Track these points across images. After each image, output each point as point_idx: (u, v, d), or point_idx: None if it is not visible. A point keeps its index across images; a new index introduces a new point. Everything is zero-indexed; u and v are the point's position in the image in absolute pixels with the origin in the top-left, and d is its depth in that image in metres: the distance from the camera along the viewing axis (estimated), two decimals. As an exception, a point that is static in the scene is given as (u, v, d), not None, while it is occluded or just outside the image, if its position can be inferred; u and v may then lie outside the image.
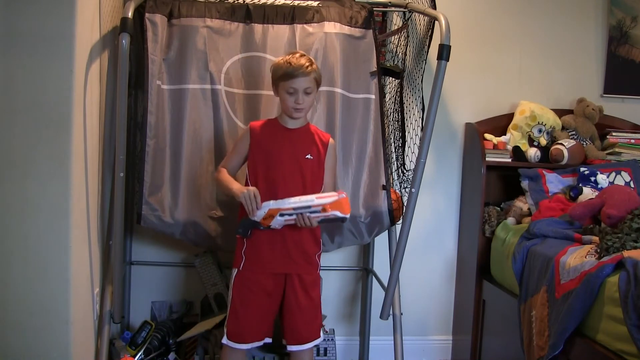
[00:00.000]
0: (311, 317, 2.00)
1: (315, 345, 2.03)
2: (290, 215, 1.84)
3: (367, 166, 2.26)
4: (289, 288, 1.95)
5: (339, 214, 1.84)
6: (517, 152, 2.74)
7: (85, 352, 2.08)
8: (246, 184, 1.97)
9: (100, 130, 2.21)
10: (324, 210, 1.83)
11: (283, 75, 1.89)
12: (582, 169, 2.59)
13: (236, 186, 1.92)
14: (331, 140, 2.03)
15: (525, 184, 2.65)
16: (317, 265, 2.01)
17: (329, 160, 2.01)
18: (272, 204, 1.85)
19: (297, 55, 1.93)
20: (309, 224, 1.86)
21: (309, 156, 1.95)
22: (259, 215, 1.85)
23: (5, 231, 1.83)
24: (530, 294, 2.13)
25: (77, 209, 1.93)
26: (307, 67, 1.89)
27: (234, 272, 1.96)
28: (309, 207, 1.84)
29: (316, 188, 1.96)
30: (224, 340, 1.95)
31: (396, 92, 2.47)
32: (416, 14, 2.44)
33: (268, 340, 2.00)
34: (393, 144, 2.45)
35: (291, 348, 1.98)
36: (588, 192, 2.46)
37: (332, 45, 2.27)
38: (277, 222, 1.86)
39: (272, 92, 2.27)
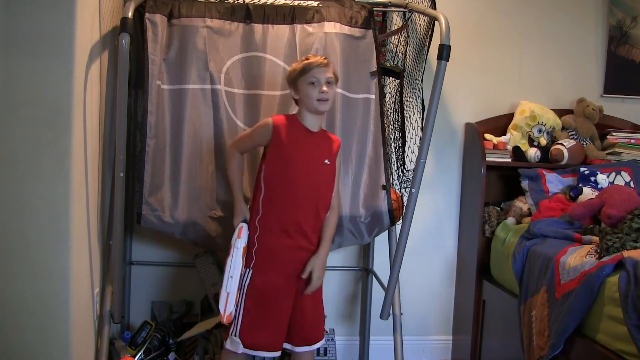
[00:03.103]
0: (317, 319, 2.02)
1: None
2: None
3: (367, 166, 2.26)
4: (299, 290, 1.96)
5: None
6: (517, 152, 2.74)
7: (85, 352, 2.08)
8: (258, 181, 1.96)
9: (100, 130, 2.21)
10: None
11: (302, 70, 1.91)
12: (582, 169, 2.59)
13: (240, 205, 1.97)
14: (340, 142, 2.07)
15: (525, 184, 2.65)
16: None
17: (338, 163, 2.04)
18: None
19: (311, 54, 2.02)
20: None
21: (327, 161, 1.97)
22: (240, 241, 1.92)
23: (5, 231, 1.83)
24: (530, 294, 2.13)
25: (77, 209, 1.93)
26: (324, 59, 1.94)
27: (245, 272, 1.93)
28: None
29: (329, 193, 1.99)
30: (240, 350, 1.88)
31: (396, 92, 2.47)
32: (416, 14, 2.44)
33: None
34: (393, 144, 2.45)
35: (300, 349, 1.98)
36: (588, 192, 2.46)
37: (332, 45, 2.27)
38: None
39: (272, 92, 2.26)
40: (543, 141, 2.80)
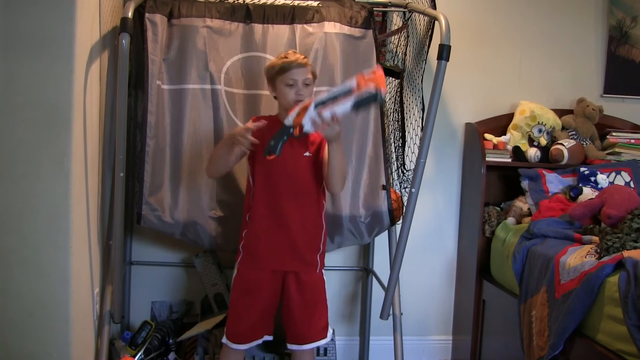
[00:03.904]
0: (310, 317, 1.98)
1: (317, 346, 2.03)
2: (324, 103, 1.72)
3: (367, 166, 2.26)
4: (287, 286, 1.96)
5: (372, 89, 1.67)
6: (517, 152, 2.74)
7: (85, 352, 2.08)
8: (248, 182, 2.00)
9: (100, 130, 2.21)
10: (359, 87, 1.68)
11: (280, 69, 1.89)
12: (582, 169, 2.59)
13: (225, 137, 1.88)
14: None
15: (525, 184, 2.65)
16: (317, 265, 2.00)
17: (326, 152, 1.94)
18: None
19: (291, 51, 1.97)
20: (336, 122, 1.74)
21: (307, 154, 1.96)
22: (291, 117, 1.74)
23: (5, 231, 1.83)
24: (530, 294, 2.13)
25: (77, 209, 1.93)
26: (304, 58, 1.92)
27: (235, 267, 2.00)
28: (346, 90, 1.70)
29: (315, 185, 1.97)
30: (224, 340, 1.98)
31: (396, 92, 2.47)
32: (416, 14, 2.44)
33: (268, 337, 2.00)
34: (393, 144, 2.45)
35: (291, 347, 2.00)
36: (588, 192, 2.46)
37: (332, 45, 2.27)
38: (310, 116, 1.72)
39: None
40: (543, 141, 2.80)
